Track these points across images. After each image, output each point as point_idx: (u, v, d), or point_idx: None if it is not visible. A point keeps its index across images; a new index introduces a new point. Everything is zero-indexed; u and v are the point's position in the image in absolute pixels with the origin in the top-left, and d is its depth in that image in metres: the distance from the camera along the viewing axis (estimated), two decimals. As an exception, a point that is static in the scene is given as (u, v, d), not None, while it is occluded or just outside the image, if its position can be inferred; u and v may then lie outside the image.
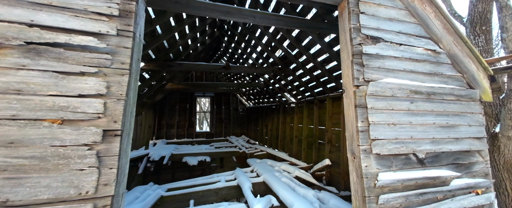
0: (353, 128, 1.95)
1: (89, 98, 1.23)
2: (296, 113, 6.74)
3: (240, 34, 5.92)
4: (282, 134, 7.42)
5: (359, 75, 1.98)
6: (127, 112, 1.34)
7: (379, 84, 1.99)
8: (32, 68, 1.16)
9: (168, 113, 9.42)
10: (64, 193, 1.11)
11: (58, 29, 1.24)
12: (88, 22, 1.30)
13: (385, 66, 2.08)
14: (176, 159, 7.11)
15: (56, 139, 1.14)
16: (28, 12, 1.20)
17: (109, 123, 1.25)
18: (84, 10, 1.31)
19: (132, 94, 1.43)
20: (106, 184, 1.20)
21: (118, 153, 1.24)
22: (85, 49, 1.28)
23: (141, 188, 4.14)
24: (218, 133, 9.78)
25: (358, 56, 2.01)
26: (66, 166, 1.14)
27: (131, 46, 1.38)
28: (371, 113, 1.93)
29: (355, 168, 1.93)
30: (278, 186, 3.74)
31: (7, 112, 1.09)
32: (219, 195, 4.12)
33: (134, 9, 1.43)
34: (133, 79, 1.42)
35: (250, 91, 8.89)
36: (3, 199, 1.02)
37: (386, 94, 2.01)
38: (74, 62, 1.24)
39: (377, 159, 1.88)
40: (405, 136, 1.99)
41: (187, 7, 2.75)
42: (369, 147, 1.88)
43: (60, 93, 1.19)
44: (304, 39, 4.53)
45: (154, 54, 4.81)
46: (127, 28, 1.39)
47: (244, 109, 10.23)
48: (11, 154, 1.07)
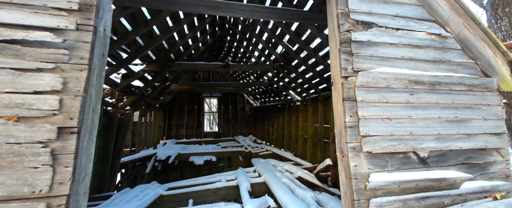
0: (341, 124, 1.75)
1: (45, 95, 1.21)
2: (301, 111, 6.51)
3: (241, 32, 5.84)
4: (287, 133, 7.22)
5: (347, 66, 1.78)
6: (86, 108, 1.30)
7: (370, 75, 1.77)
8: (-11, 66, 1.16)
9: (177, 114, 9.63)
10: (18, 191, 1.09)
11: (17, 26, 1.23)
12: (47, 18, 1.29)
13: (379, 54, 1.85)
14: (183, 158, 7.22)
15: (11, 136, 1.13)
16: (-13, 10, 1.21)
17: (64, 120, 1.21)
18: (43, 6, 1.29)
19: (95, 91, 1.40)
20: (61, 182, 1.16)
21: (74, 151, 1.21)
22: (43, 45, 1.26)
23: (142, 187, 4.22)
24: (226, 132, 9.80)
25: (346, 45, 1.82)
26: (20, 164, 1.12)
27: (91, 41, 1.34)
28: (361, 106, 1.72)
29: (343, 168, 1.73)
30: (276, 187, 3.59)
31: (-38, 109, 1.09)
32: (218, 195, 4.07)
33: (96, 2, 1.39)
34: (94, 75, 1.38)
35: (256, 91, 8.79)
36: (-46, 196, 1.02)
37: (380, 86, 1.79)
38: (32, 59, 1.22)
39: (368, 158, 1.67)
40: (403, 132, 1.75)
41: (174, 4, 2.71)
42: (359, 144, 1.67)
43: (16, 90, 1.17)
44: (304, 33, 4.33)
45: (154, 55, 4.89)
46: (87, 22, 1.35)
47: (251, 109, 10.15)
48: (-35, 151, 1.07)
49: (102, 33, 1.47)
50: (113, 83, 4.61)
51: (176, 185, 4.40)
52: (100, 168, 4.75)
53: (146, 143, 7.83)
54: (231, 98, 9.93)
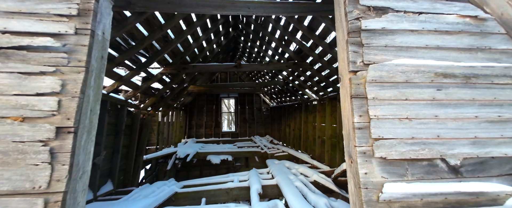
0: (349, 125, 1.54)
1: (45, 96, 1.28)
2: (318, 110, 6.18)
3: (254, 31, 5.77)
4: (304, 134, 6.92)
5: (356, 58, 1.56)
6: (83, 109, 1.35)
7: (384, 68, 1.52)
8: (2, 71, 1.28)
9: (197, 114, 10.00)
10: (21, 186, 1.18)
11: (25, 33, 1.34)
12: (50, 24, 1.37)
13: (396, 43, 1.59)
14: (201, 157, 7.45)
15: (16, 135, 1.22)
16: (5, 21, 1.34)
17: (62, 120, 1.27)
18: (47, 13, 1.39)
19: (93, 92, 1.45)
20: (59, 180, 1.22)
21: (71, 149, 1.26)
22: (46, 49, 1.35)
23: (160, 183, 4.43)
24: (243, 132, 9.85)
25: (355, 35, 1.60)
26: (23, 161, 1.20)
27: (89, 44, 1.39)
28: (373, 104, 1.49)
29: (352, 175, 1.52)
30: (287, 190, 3.42)
31: (-22, 110, 1.22)
32: (230, 195, 4.05)
33: (93, 7, 1.45)
34: (92, 76, 1.43)
35: (271, 90, 8.64)
36: (-30, 188, 1.14)
37: (397, 80, 1.53)
38: (36, 63, 1.32)
39: (382, 165, 1.43)
40: (428, 135, 1.47)
41: (180, 6, 2.76)
42: (370, 148, 1.45)
43: (21, 93, 1.27)
44: (317, 27, 4.06)
45: (171, 58, 5.12)
46: (85, 26, 1.41)
47: (268, 109, 10.02)
48: (-20, 148, 1.19)
49: (101, 36, 1.53)
50: (135, 86, 4.93)
51: (191, 183, 4.51)
52: (124, 164, 5.13)
53: (169, 141, 8.28)
54: (248, 98, 9.94)
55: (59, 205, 1.19)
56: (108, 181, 4.59)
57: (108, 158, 4.46)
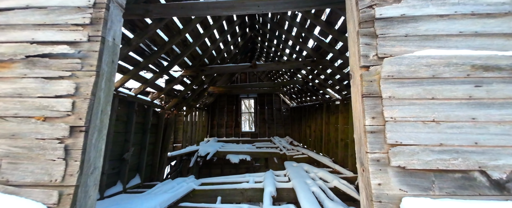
0: (361, 127, 1.36)
1: (62, 98, 1.42)
2: (341, 111, 5.76)
3: (270, 30, 5.67)
4: (326, 136, 6.53)
5: (369, 52, 1.37)
6: (95, 110, 1.46)
7: (403, 61, 1.30)
8: (30, 76, 1.47)
9: (218, 114, 10.32)
10: (41, 179, 1.32)
11: (48, 42, 1.51)
12: (68, 33, 1.53)
13: (420, 32, 1.34)
14: (221, 156, 7.65)
15: (38, 133, 1.38)
16: (31, 32, 1.53)
17: (75, 120, 1.40)
18: (65, 23, 1.54)
19: (104, 94, 1.56)
20: (71, 174, 1.33)
21: (82, 147, 1.37)
22: (64, 56, 1.50)
23: (180, 180, 4.66)
24: (262, 133, 9.80)
25: (367, 25, 1.40)
26: (43, 156, 1.35)
27: (99, 49, 1.50)
28: (389, 104, 1.28)
29: (364, 185, 1.33)
30: (303, 196, 3.24)
31: (12, 111, 1.41)
32: (244, 196, 4.04)
33: (104, 15, 1.56)
34: (103, 79, 1.54)
35: (291, 90, 8.40)
36: (5, 179, 1.32)
37: (420, 75, 1.29)
38: (56, 68, 1.47)
39: (400, 175, 1.22)
40: (462, 141, 1.20)
41: (192, 10, 2.84)
42: (386, 155, 1.25)
43: (44, 95, 1.43)
44: (336, 21, 3.78)
45: (190, 61, 5.35)
46: (96, 33, 1.53)
47: (288, 109, 9.78)
48: (12, 144, 1.37)
49: (111, 42, 1.64)
50: (159, 88, 5.30)
51: (208, 181, 4.64)
52: (151, 160, 5.56)
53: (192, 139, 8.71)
54: (267, 98, 9.85)
55: (71, 197, 1.30)
56: (136, 175, 5.01)
57: (136, 154, 4.88)
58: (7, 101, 1.42)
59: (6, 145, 1.37)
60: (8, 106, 1.42)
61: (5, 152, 1.35)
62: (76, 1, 1.58)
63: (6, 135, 1.38)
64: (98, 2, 1.58)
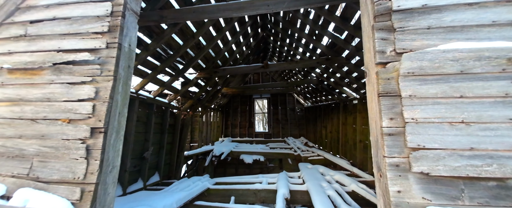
0: (377, 129, 1.26)
1: (84, 102, 1.53)
2: (359, 111, 5.47)
3: (282, 29, 5.60)
4: (343, 137, 6.25)
5: (385, 47, 1.27)
6: (113, 112, 1.55)
7: (426, 56, 1.18)
8: (56, 82, 1.60)
9: (232, 114, 10.44)
10: (66, 176, 1.44)
11: (72, 50, 1.64)
12: (89, 41, 1.64)
13: (444, 23, 1.21)
14: (235, 156, 7.72)
15: (64, 134, 1.50)
16: (57, 41, 1.68)
17: (95, 122, 1.49)
18: (86, 32, 1.66)
19: (121, 97, 1.65)
20: (92, 173, 1.43)
21: (101, 147, 1.46)
22: (86, 63, 1.61)
23: (195, 178, 4.79)
24: (276, 133, 9.70)
25: (384, 18, 1.30)
26: (68, 155, 1.46)
27: (116, 55, 1.60)
28: (409, 104, 1.17)
29: (381, 192, 1.24)
30: (317, 199, 3.13)
31: (42, 114, 1.55)
32: (258, 197, 4.02)
33: (120, 23, 1.65)
34: (120, 83, 1.63)
35: (305, 90, 8.20)
36: (36, 176, 1.46)
37: (446, 71, 1.15)
38: (78, 74, 1.59)
39: (423, 182, 1.10)
40: (498, 145, 1.05)
41: (204, 13, 2.90)
42: (406, 160, 1.14)
43: (68, 99, 1.56)
44: (352, 16, 3.60)
45: (204, 63, 5.48)
46: (114, 40, 1.62)
47: (302, 109, 9.55)
48: (42, 144, 1.51)
49: (127, 48, 1.73)
50: (175, 90, 5.51)
51: (222, 181, 4.71)
52: (168, 159, 5.80)
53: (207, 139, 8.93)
54: (280, 98, 9.72)
55: (92, 194, 1.39)
56: (156, 173, 5.26)
57: (155, 153, 5.12)
58: (37, 105, 1.57)
59: (37, 145, 1.51)
60: (38, 109, 1.56)
61: (36, 151, 1.49)
62: (96, 11, 1.69)
63: (37, 136, 1.52)
64: (115, 11, 1.68)
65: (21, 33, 1.72)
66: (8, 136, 1.54)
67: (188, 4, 3.62)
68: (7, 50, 1.70)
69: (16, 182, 1.44)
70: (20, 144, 1.52)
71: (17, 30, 1.74)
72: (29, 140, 1.52)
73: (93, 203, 1.38)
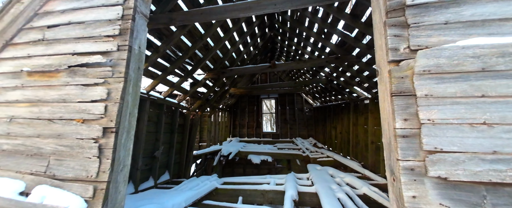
0: (390, 131, 1.21)
1: (97, 102, 1.59)
2: (371, 111, 5.31)
3: (290, 28, 5.54)
4: (354, 138, 6.08)
5: (399, 44, 1.21)
6: (123, 112, 1.60)
7: (443, 52, 1.11)
8: (71, 84, 1.67)
9: (240, 115, 10.48)
10: (80, 174, 1.49)
11: (85, 53, 1.71)
12: (102, 44, 1.70)
13: (464, 17, 1.13)
14: (242, 156, 7.74)
15: (78, 134, 1.56)
16: (72, 45, 1.75)
17: (107, 122, 1.54)
18: (99, 36, 1.72)
19: (131, 98, 1.69)
20: (104, 171, 1.47)
21: (113, 146, 1.50)
22: (98, 65, 1.67)
23: (204, 178, 4.84)
24: (284, 134, 9.62)
25: (396, 13, 1.24)
26: (82, 154, 1.52)
27: (127, 57, 1.64)
28: (425, 104, 1.11)
29: (395, 197, 1.18)
30: (326, 202, 3.06)
31: (58, 114, 1.63)
32: (265, 198, 4.00)
33: (130, 26, 1.69)
34: (130, 85, 1.67)
35: (314, 89, 8.06)
36: (52, 173, 1.53)
37: (466, 69, 1.08)
38: (92, 76, 1.65)
39: (441, 188, 1.04)
40: (527, 149, 0.96)
41: (211, 15, 2.93)
42: (422, 164, 1.08)
43: (82, 100, 1.62)
44: (363, 13, 3.50)
45: (212, 64, 5.54)
46: (124, 43, 1.66)
47: (310, 109, 9.40)
48: (58, 143, 1.58)
49: (137, 50, 1.77)
50: (184, 90, 5.60)
51: (230, 181, 4.72)
52: (178, 158, 5.91)
53: (216, 139, 9.02)
54: (288, 98, 9.62)
55: (104, 192, 1.44)
56: (166, 171, 5.38)
57: (165, 152, 5.24)
58: (54, 106, 1.64)
59: (53, 144, 1.58)
60: (55, 110, 1.64)
61: (52, 150, 1.56)
62: (108, 15, 1.75)
63: (54, 135, 1.59)
64: (125, 14, 1.72)
65: (39, 38, 1.81)
66: (27, 135, 1.63)
67: (196, 6, 3.67)
68: (26, 54, 1.80)
69: (34, 179, 1.52)
70: (38, 142, 1.60)
71: (35, 34, 1.83)
72: (46, 139, 1.59)
73: (105, 201, 1.42)
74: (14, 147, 1.64)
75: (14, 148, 1.64)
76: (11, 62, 1.84)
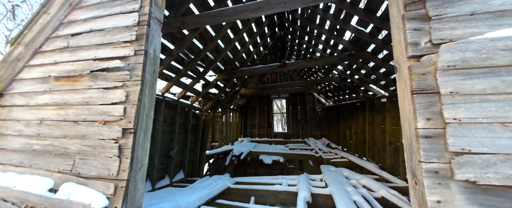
0: (411, 131, 1.14)
1: (117, 105, 1.67)
2: (388, 110, 5.08)
3: (301, 27, 5.46)
4: (370, 138, 5.85)
5: (419, 38, 1.14)
6: (141, 114, 1.66)
7: (470, 46, 1.02)
8: (93, 87, 1.77)
9: (251, 115, 10.52)
10: (102, 173, 1.58)
11: (105, 58, 1.80)
12: (120, 50, 1.78)
13: (492, 7, 1.04)
14: (254, 156, 7.76)
15: (100, 134, 1.65)
16: (94, 51, 1.86)
17: (126, 123, 1.62)
18: (117, 41, 1.81)
19: (148, 100, 1.76)
20: (124, 170, 1.55)
21: (132, 146, 1.57)
22: (117, 69, 1.75)
23: (216, 177, 4.92)
24: (295, 134, 9.49)
25: (416, 6, 1.17)
26: (103, 154, 1.61)
27: (143, 61, 1.71)
28: (450, 102, 1.03)
29: (417, 202, 1.11)
30: (342, 204, 2.97)
31: (82, 116, 1.74)
32: (278, 198, 3.97)
33: (146, 31, 1.76)
34: (147, 88, 1.74)
35: (326, 88, 7.87)
36: (77, 172, 1.63)
37: (496, 63, 0.99)
38: (111, 80, 1.74)
39: (469, 192, 0.96)
40: None
41: (221, 17, 2.96)
42: (448, 166, 1.01)
43: (104, 103, 1.71)
44: (378, 7, 3.36)
45: (222, 65, 5.62)
46: (140, 47, 1.74)
47: (323, 108, 9.17)
48: (83, 143, 1.68)
49: (152, 54, 1.84)
50: (197, 92, 5.74)
51: (242, 181, 4.75)
52: (192, 157, 6.06)
53: (227, 139, 9.14)
54: (300, 98, 9.47)
55: (124, 190, 1.51)
56: (180, 170, 5.54)
57: (179, 151, 5.40)
58: (78, 108, 1.75)
59: (78, 144, 1.69)
60: (79, 112, 1.75)
61: (78, 150, 1.66)
62: (125, 22, 1.84)
63: (78, 136, 1.70)
64: (141, 20, 1.80)
65: (64, 45, 1.95)
66: (55, 136, 1.76)
67: (207, 8, 3.74)
68: (53, 60, 1.94)
69: (61, 177, 1.63)
70: (64, 143, 1.72)
71: (61, 42, 1.97)
72: (72, 139, 1.71)
73: (125, 198, 1.49)
74: (43, 147, 1.78)
75: (44, 148, 1.78)
76: (40, 69, 2.00)
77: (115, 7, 1.90)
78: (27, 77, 2.02)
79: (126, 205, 1.47)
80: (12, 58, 2.08)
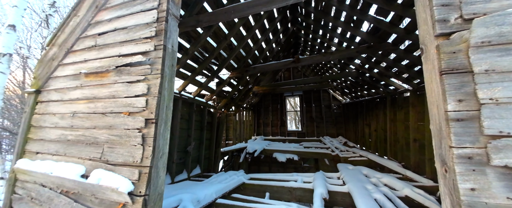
0: (440, 115, 1.06)
1: (139, 97, 1.77)
2: (412, 104, 4.79)
3: (315, 21, 5.33)
4: (392, 135, 5.54)
5: (448, 14, 1.06)
6: (161, 105, 1.75)
7: (508, 19, 0.93)
8: (119, 82, 1.90)
9: (264, 113, 10.51)
10: (127, 160, 1.69)
11: (128, 54, 1.92)
12: (141, 46, 1.89)
13: (538, -26, 0.93)
14: (268, 153, 7.75)
15: (125, 125, 1.77)
16: (118, 48, 1.99)
17: (148, 114, 1.71)
18: (139, 38, 1.92)
19: (167, 93, 1.84)
20: (147, 157, 1.64)
21: (153, 135, 1.66)
22: (139, 64, 1.86)
23: (231, 173, 5.00)
24: (310, 132, 9.29)
25: (443, -18, 1.09)
26: (128, 142, 1.72)
27: (162, 56, 1.79)
28: (486, 81, 0.95)
29: (448, 190, 1.03)
30: (361, 202, 2.85)
31: (109, 108, 1.87)
32: (293, 195, 3.93)
33: (164, 27, 1.85)
34: (166, 80, 1.82)
35: (342, 84, 7.60)
36: (106, 159, 1.76)
37: (542, 36, 0.88)
38: (135, 74, 1.85)
39: (509, 179, 0.87)
40: None
41: (235, 12, 2.99)
42: (483, 151, 0.92)
43: (128, 95, 1.82)
44: (399, -6, 3.17)
45: (235, 63, 5.68)
46: (160, 42, 1.82)
47: (339, 106, 8.86)
48: (110, 133, 1.81)
49: (170, 49, 1.92)
50: (211, 90, 5.87)
51: (257, 177, 4.77)
52: (208, 153, 6.22)
53: (241, 137, 9.24)
54: (314, 95, 9.24)
55: (147, 176, 1.60)
56: (197, 165, 5.72)
57: (196, 147, 5.58)
58: (106, 101, 1.89)
59: (106, 134, 1.82)
60: (107, 105, 1.88)
61: (106, 139, 1.79)
62: (146, 19, 1.94)
63: (106, 126, 1.83)
64: (159, 17, 1.89)
65: (92, 44, 2.11)
66: (86, 127, 1.91)
67: (220, 6, 3.81)
68: (83, 58, 2.11)
69: (92, 164, 1.77)
70: (94, 133, 1.86)
71: (89, 42, 2.14)
72: (101, 130, 1.84)
73: (148, 183, 1.58)
74: (76, 137, 1.95)
75: (76, 138, 1.94)
76: (72, 67, 2.19)
77: (136, 6, 2.01)
78: (61, 75, 2.22)
79: (149, 190, 1.56)
80: (48, 58, 2.30)
